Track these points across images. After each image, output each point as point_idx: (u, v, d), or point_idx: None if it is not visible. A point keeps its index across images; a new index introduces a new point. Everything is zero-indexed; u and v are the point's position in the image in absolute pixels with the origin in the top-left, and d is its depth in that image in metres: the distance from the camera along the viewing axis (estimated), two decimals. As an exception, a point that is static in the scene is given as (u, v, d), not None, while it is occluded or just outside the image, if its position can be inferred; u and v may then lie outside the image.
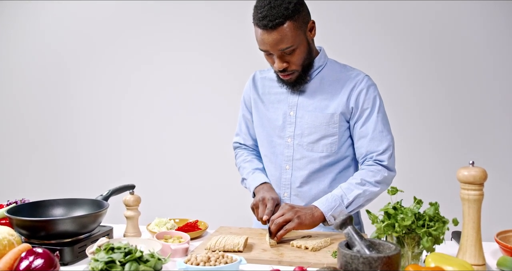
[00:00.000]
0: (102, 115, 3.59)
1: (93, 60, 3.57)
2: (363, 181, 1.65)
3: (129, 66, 3.52)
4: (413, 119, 3.17)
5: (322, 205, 1.60)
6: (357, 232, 1.21)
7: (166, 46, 3.44)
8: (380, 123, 1.71)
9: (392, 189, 1.32)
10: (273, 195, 1.68)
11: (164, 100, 3.49)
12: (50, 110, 3.66)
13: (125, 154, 3.57)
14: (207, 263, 1.24)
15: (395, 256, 1.11)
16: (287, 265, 1.36)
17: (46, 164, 3.69)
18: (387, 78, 2.94)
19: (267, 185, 1.77)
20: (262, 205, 1.65)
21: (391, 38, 3.15)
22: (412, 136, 3.15)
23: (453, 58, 3.09)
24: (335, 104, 1.72)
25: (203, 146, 3.41)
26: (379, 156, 1.69)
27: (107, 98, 3.57)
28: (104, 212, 1.51)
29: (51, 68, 3.63)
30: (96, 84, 3.58)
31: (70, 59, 3.59)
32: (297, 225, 1.53)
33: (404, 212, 1.24)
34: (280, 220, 1.53)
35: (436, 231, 1.20)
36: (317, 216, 1.58)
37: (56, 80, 3.64)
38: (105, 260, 1.06)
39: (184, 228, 1.66)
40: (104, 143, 3.61)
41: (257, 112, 1.86)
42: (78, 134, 3.64)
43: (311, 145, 1.74)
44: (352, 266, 1.11)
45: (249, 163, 1.90)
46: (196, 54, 3.41)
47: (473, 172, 1.16)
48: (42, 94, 3.67)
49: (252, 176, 1.83)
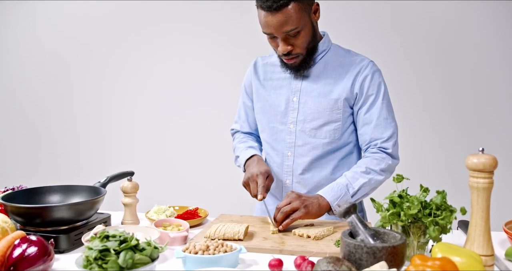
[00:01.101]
0: (102, 102, 3.56)
1: (93, 47, 3.51)
2: (368, 169, 1.61)
3: (130, 55, 3.47)
4: (419, 105, 3.10)
5: (328, 194, 1.56)
6: (361, 221, 1.16)
7: (167, 34, 3.38)
8: (384, 110, 1.66)
9: (398, 177, 1.27)
10: (261, 168, 1.63)
11: (165, 88, 3.44)
12: (50, 97, 3.63)
13: (125, 140, 3.54)
14: (205, 252, 1.20)
15: (401, 246, 1.07)
16: (289, 254, 1.32)
17: (46, 151, 3.66)
18: (391, 64, 2.86)
19: (256, 157, 1.73)
20: (252, 181, 1.61)
21: (397, 24, 3.08)
22: (418, 122, 3.08)
23: (461, 43, 3.01)
24: (339, 90, 1.67)
25: (205, 132, 3.38)
26: (383, 143, 1.65)
27: (107, 85, 3.53)
28: (101, 199, 1.47)
29: (51, 54, 3.59)
30: (96, 71, 3.54)
31: (71, 47, 3.54)
32: (304, 214, 1.50)
33: (410, 200, 1.20)
34: (287, 208, 1.49)
35: (443, 220, 1.16)
36: (323, 205, 1.54)
37: (56, 68, 3.60)
38: (99, 249, 1.02)
39: (184, 216, 1.63)
40: (104, 129, 3.57)
41: (259, 98, 1.81)
42: (78, 121, 3.60)
43: (314, 131, 1.70)
44: (355, 256, 1.07)
45: (244, 143, 1.87)
46: (196, 45, 3.35)
47: (483, 159, 1.11)
48: (40, 81, 3.63)
49: (244, 152, 1.79)
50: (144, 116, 3.50)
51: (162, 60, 3.44)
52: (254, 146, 1.85)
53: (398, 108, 1.74)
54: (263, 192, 1.56)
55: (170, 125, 3.45)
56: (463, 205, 1.19)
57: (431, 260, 0.99)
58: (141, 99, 3.50)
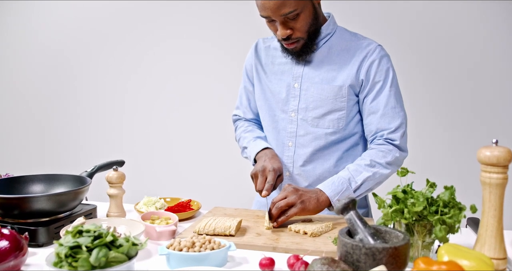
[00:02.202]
0: (93, 89, 3.43)
1: (84, 33, 3.40)
2: (372, 162, 1.50)
3: (123, 40, 3.35)
4: (428, 93, 2.92)
5: (328, 188, 1.46)
6: (360, 218, 1.06)
7: (163, 20, 3.26)
8: (392, 98, 1.55)
9: (402, 170, 1.17)
10: (275, 164, 1.53)
11: (157, 76, 3.31)
12: (40, 84, 3.52)
13: (117, 129, 3.41)
14: (191, 249, 1.11)
15: (403, 247, 0.97)
16: (282, 251, 1.22)
17: (35, 139, 3.57)
18: (400, 49, 2.71)
19: (270, 150, 1.62)
20: (262, 175, 1.50)
21: (408, 7, 2.92)
22: (426, 111, 2.90)
23: (474, 32, 2.86)
24: (343, 76, 1.56)
25: (203, 122, 3.25)
26: (390, 134, 1.54)
27: (97, 72, 3.41)
28: (85, 189, 1.38)
29: (45, 44, 3.49)
30: (85, 57, 3.42)
31: (63, 31, 3.44)
32: (300, 210, 1.40)
33: (415, 196, 1.09)
34: (283, 203, 1.39)
35: (451, 219, 1.06)
36: (322, 200, 1.44)
37: (44, 53, 3.49)
38: (69, 245, 0.93)
39: (174, 208, 1.54)
40: (94, 117, 3.45)
41: (260, 84, 1.71)
42: (68, 109, 3.49)
43: (317, 120, 1.59)
44: (353, 257, 0.97)
45: (250, 132, 1.76)
46: (192, 33, 3.24)
47: (496, 152, 1.00)
48: (28, 69, 3.53)
49: (253, 143, 1.69)
50: (137, 106, 3.37)
51: (152, 48, 3.31)
52: (262, 136, 1.75)
53: (404, 96, 1.62)
54: (269, 189, 1.47)
55: (166, 115, 3.33)
56: (473, 203, 1.08)
57: (437, 264, 0.89)
58: (133, 89, 3.36)
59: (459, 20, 2.86)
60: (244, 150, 1.75)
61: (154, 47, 3.30)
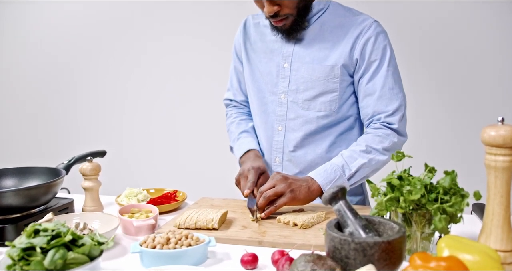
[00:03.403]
0: (75, 77, 3.27)
1: (78, 21, 3.28)
2: (368, 148, 1.39)
3: (111, 25, 3.22)
4: (426, 70, 2.69)
5: (320, 176, 1.35)
6: (350, 209, 0.96)
7: (163, 18, 3.11)
8: (390, 79, 1.44)
9: (398, 155, 1.06)
10: (255, 163, 1.43)
11: (145, 64, 3.15)
12: (18, 72, 3.40)
13: (101, 119, 3.24)
14: (165, 246, 1.01)
15: (397, 240, 0.86)
16: (269, 246, 1.12)
17: (22, 131, 3.46)
18: (398, 26, 2.54)
19: (253, 152, 1.54)
20: (243, 178, 1.41)
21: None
22: (424, 89, 2.68)
23: (475, 8, 2.70)
24: (336, 55, 1.45)
25: (190, 107, 3.09)
26: (388, 118, 1.43)
27: (79, 58, 3.28)
28: (57, 182, 1.28)
29: (36, 36, 3.37)
30: (69, 45, 3.30)
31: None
32: (290, 200, 1.29)
33: (412, 182, 0.98)
34: (271, 193, 1.28)
35: (452, 208, 0.95)
36: (313, 189, 1.33)
37: (29, 43, 3.38)
38: (22, 246, 0.83)
39: (156, 200, 1.44)
40: (78, 106, 3.30)
41: (249, 63, 1.60)
42: (53, 100, 3.34)
43: (307, 102, 1.48)
44: (341, 253, 0.86)
45: (237, 125, 1.67)
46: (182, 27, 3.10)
47: (502, 131, 0.89)
48: (18, 65, 3.41)
49: (237, 143, 1.61)
50: (122, 90, 3.21)
51: (140, 36, 3.18)
52: (248, 129, 1.65)
53: (402, 74, 1.50)
54: (251, 187, 1.36)
55: (155, 103, 3.19)
56: (477, 189, 0.97)
57: (435, 260, 0.79)
58: (116, 77, 3.22)
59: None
60: (231, 149, 1.68)
61: (139, 33, 3.17)
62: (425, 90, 2.70)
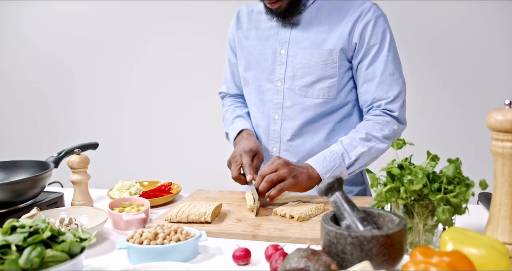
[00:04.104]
0: (68, 69, 3.21)
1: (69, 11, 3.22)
2: (368, 136, 1.34)
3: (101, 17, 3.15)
4: (427, 52, 2.55)
5: (319, 164, 1.29)
6: (347, 200, 0.90)
7: (164, 15, 3.05)
8: (391, 64, 1.38)
9: (399, 142, 1.00)
10: (247, 145, 1.38)
11: (139, 56, 3.08)
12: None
13: (95, 111, 3.18)
14: (153, 241, 0.96)
15: (397, 233, 0.80)
16: (264, 240, 1.07)
17: (12, 123, 3.42)
18: (397, 8, 2.43)
19: (245, 131, 1.49)
20: (234, 162, 1.36)
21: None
22: (424, 71, 2.53)
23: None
24: (334, 39, 1.39)
25: (188, 97, 3.01)
26: (388, 105, 1.37)
27: (78, 53, 3.22)
28: (45, 175, 1.24)
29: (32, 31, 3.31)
30: (63, 34, 3.23)
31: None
32: (293, 185, 1.24)
33: (414, 172, 0.92)
34: (274, 177, 1.23)
35: (456, 198, 0.89)
36: (313, 177, 1.29)
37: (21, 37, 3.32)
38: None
39: (149, 193, 1.39)
40: (72, 100, 3.23)
41: (243, 52, 1.54)
42: (43, 89, 3.30)
43: (305, 89, 1.42)
44: (337, 248, 0.81)
45: (231, 112, 1.63)
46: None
47: (510, 115, 0.83)
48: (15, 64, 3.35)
49: (231, 127, 1.56)
50: (115, 80, 3.13)
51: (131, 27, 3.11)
52: (242, 114, 1.60)
53: (401, 57, 1.43)
54: (251, 170, 1.31)
55: (151, 95, 3.11)
56: (483, 178, 0.91)
57: (437, 255, 0.73)
58: (111, 68, 3.14)
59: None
60: (227, 136, 1.62)
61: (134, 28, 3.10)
62: (426, 72, 2.56)
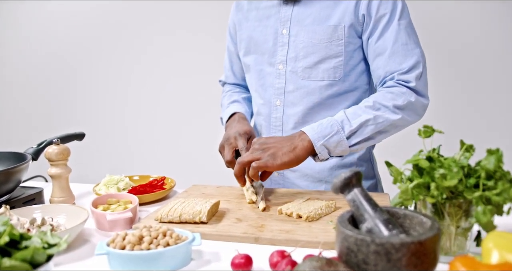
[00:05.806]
0: (60, 61, 3.09)
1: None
2: (376, 104, 1.16)
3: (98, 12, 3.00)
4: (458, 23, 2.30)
5: (312, 130, 1.12)
6: (368, 199, 0.75)
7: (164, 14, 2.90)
8: (403, 33, 1.21)
9: (426, 130, 0.85)
10: (240, 128, 1.25)
11: (131, 45, 2.95)
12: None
13: (88, 102, 3.04)
14: (137, 246, 0.81)
15: (431, 240, 0.66)
16: (267, 243, 0.92)
17: (12, 122, 3.28)
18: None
19: (237, 115, 1.37)
20: (227, 145, 1.23)
21: None
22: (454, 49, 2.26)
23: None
24: (339, 13, 1.25)
25: (185, 88, 2.88)
26: (402, 75, 1.20)
27: (70, 44, 3.08)
28: (20, 168, 1.10)
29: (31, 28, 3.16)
30: (58, 26, 3.09)
31: None
32: (270, 163, 1.07)
33: (446, 164, 0.77)
34: (245, 158, 1.10)
35: (499, 196, 0.74)
36: (301, 147, 1.10)
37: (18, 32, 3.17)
38: None
39: (139, 189, 1.24)
40: (65, 92, 3.11)
41: (243, 35, 1.41)
42: (42, 89, 3.17)
43: (308, 70, 1.28)
44: (357, 257, 0.66)
45: (228, 97, 1.52)
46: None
47: None
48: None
49: (226, 111, 1.44)
50: (111, 78, 3.02)
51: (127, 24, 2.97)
52: (238, 99, 1.48)
53: (421, 32, 1.27)
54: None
55: (145, 86, 2.97)
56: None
57: (485, 268, 0.58)
58: (102, 59, 3.01)
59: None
60: (221, 121, 1.49)
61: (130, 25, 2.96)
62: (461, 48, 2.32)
